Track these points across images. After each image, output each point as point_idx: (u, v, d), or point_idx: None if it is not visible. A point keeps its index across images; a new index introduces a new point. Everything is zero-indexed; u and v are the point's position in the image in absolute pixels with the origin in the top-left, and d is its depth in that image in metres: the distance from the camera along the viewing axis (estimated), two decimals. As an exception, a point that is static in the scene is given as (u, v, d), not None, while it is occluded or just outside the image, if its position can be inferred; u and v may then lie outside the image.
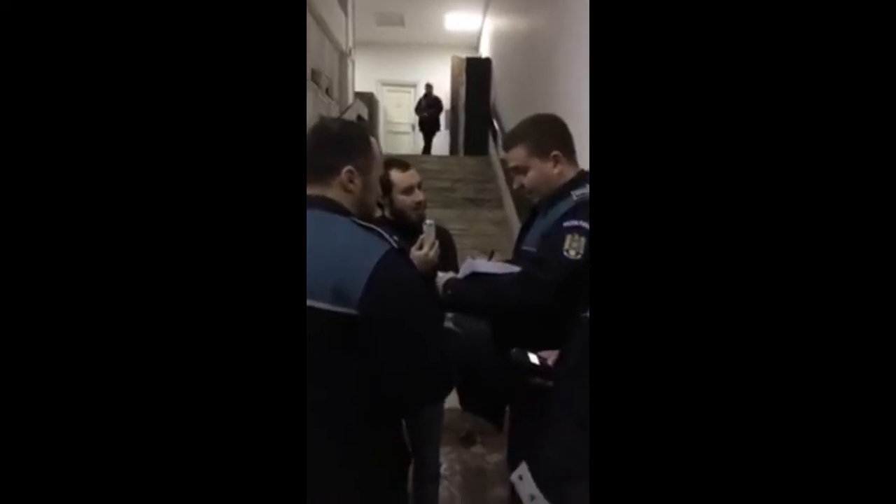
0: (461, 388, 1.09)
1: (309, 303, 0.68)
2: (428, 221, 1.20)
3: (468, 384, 1.08)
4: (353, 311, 0.69)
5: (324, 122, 0.86)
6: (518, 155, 1.07)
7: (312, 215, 0.74)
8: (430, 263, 1.14)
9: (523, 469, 0.71)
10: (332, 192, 0.78)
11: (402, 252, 0.77)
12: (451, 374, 0.79)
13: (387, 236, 0.75)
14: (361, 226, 0.76)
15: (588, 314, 0.76)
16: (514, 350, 0.95)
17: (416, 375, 0.73)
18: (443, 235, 1.30)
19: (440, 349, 0.75)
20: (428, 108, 7.32)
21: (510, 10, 4.90)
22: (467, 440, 2.05)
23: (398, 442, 0.82)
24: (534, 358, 0.94)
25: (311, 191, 0.78)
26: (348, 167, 0.78)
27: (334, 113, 4.79)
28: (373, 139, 0.84)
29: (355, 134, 0.83)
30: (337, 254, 0.72)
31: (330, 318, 0.69)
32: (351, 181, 0.78)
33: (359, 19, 6.11)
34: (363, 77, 6.75)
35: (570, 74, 2.41)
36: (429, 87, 7.40)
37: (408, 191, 1.29)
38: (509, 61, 4.93)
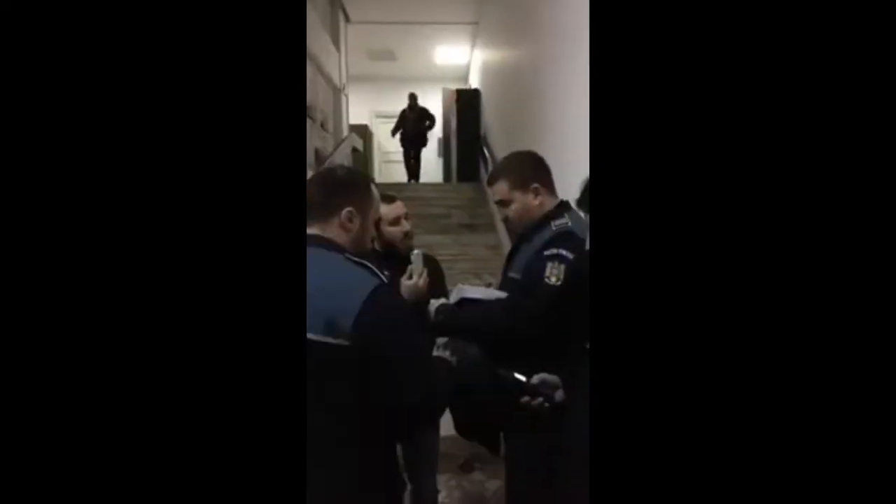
0: (456, 414, 1.11)
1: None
2: (415, 252, 1.25)
3: (463, 411, 1.10)
4: (345, 343, 0.73)
5: (329, 168, 0.94)
6: (501, 189, 1.15)
7: (309, 252, 0.78)
8: (419, 292, 1.18)
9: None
10: (331, 231, 0.85)
11: (391, 287, 0.83)
12: (435, 403, 0.83)
13: (377, 272, 0.80)
14: (354, 262, 0.81)
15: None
16: (500, 371, 0.99)
17: (401, 404, 0.77)
18: (430, 263, 1.34)
19: (426, 379, 0.80)
20: (417, 122, 6.09)
21: (497, 43, 5.09)
22: (466, 467, 2.04)
23: (391, 468, 0.84)
24: (520, 377, 0.97)
25: (311, 230, 0.84)
26: (349, 208, 0.85)
27: (329, 146, 4.90)
28: (373, 185, 0.93)
29: (358, 178, 0.93)
30: (330, 288, 0.76)
31: (324, 349, 0.73)
32: (350, 220, 0.85)
33: (351, 55, 6.32)
34: (357, 110, 6.92)
35: (556, 102, 2.51)
36: (413, 97, 6.22)
37: (395, 222, 1.35)
38: (498, 91, 5.08)
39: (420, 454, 1.40)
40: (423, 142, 6.45)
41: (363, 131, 6.95)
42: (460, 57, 7.32)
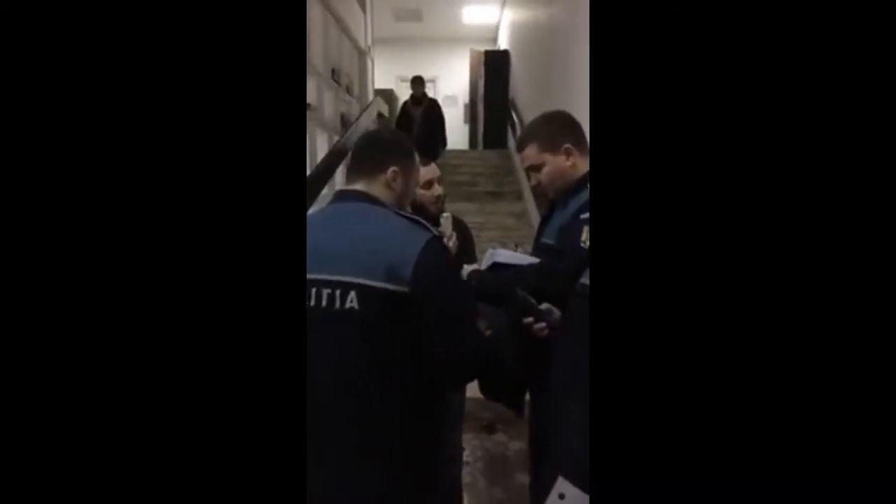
0: (481, 376, 1.14)
1: (365, 281, 0.78)
2: (445, 214, 1.25)
3: (488, 373, 1.13)
4: (404, 289, 0.77)
5: (375, 129, 0.99)
6: (531, 153, 1.12)
7: (358, 207, 0.86)
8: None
9: (562, 485, 0.72)
10: (375, 189, 0.90)
11: (441, 240, 0.87)
12: (484, 354, 0.85)
13: (428, 226, 0.84)
14: (404, 216, 0.86)
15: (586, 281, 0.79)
16: (518, 289, 1.01)
17: (455, 352, 0.81)
18: (461, 227, 1.35)
19: (476, 330, 0.85)
20: (425, 125, 4.39)
21: (528, 2, 4.87)
22: (489, 428, 2.10)
23: (432, 423, 0.87)
24: (532, 299, 0.99)
25: (356, 186, 0.90)
26: (394, 167, 0.90)
27: (355, 110, 4.86)
28: (415, 150, 0.97)
29: (402, 140, 0.97)
30: (388, 238, 0.81)
31: (384, 295, 0.77)
32: (394, 179, 0.90)
33: (377, 16, 6.15)
34: (382, 74, 6.79)
35: (588, 65, 2.40)
36: (419, 82, 4.59)
37: (427, 185, 1.34)
38: (528, 53, 4.90)
39: (450, 410, 1.44)
40: (439, 151, 4.47)
41: (389, 96, 6.84)
42: (489, 16, 7.04)
